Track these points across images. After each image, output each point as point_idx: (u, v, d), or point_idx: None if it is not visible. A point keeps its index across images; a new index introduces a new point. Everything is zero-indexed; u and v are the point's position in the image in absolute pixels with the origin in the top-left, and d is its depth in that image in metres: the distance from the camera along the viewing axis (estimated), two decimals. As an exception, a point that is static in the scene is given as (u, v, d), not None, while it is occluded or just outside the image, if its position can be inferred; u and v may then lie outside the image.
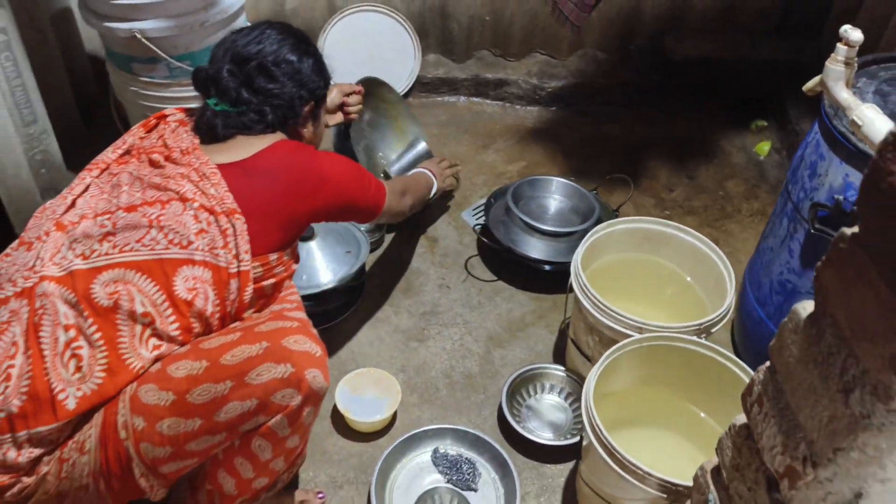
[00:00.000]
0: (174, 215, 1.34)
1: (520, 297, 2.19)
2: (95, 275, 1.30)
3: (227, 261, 1.36)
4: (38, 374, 1.25)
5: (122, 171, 1.43)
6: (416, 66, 2.85)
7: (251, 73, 1.48)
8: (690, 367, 1.62)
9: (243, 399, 1.27)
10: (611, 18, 2.87)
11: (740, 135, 2.85)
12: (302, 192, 1.44)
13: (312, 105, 1.57)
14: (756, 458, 0.94)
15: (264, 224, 1.40)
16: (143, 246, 1.32)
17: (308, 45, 1.57)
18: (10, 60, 1.88)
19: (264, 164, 1.43)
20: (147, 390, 1.27)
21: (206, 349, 1.31)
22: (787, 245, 1.71)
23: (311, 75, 1.54)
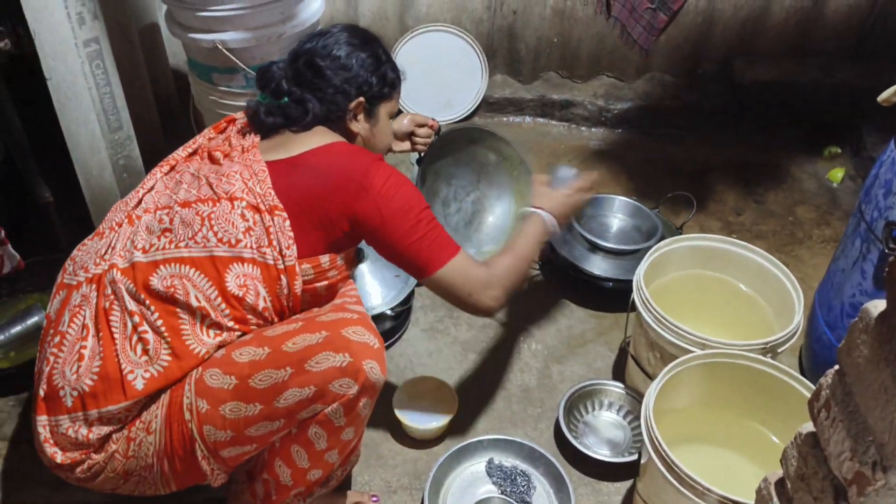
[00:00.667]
0: (224, 213, 1.38)
1: (580, 314, 2.17)
2: (154, 268, 1.36)
3: (273, 258, 1.39)
4: (108, 355, 1.32)
5: (185, 168, 1.49)
6: (483, 86, 2.89)
7: (299, 67, 1.51)
8: (756, 386, 1.58)
9: (302, 386, 1.31)
10: (679, 43, 2.86)
11: (811, 161, 2.79)
12: (338, 194, 1.41)
13: (362, 101, 1.53)
14: (823, 467, 0.91)
15: (301, 221, 1.41)
16: (195, 243, 1.37)
17: (366, 43, 1.55)
18: (100, 69, 1.99)
19: (313, 161, 1.44)
20: (212, 374, 1.33)
21: (269, 336, 1.36)
22: (860, 266, 1.66)
23: (360, 71, 1.51)
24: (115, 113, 2.13)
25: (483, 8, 2.80)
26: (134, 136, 2.25)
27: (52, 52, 1.79)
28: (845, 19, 2.76)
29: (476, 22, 2.84)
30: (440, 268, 1.44)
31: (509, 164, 2.34)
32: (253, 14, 1.92)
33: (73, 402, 1.33)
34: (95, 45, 1.98)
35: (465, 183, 2.37)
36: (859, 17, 2.75)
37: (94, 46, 1.98)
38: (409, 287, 2.05)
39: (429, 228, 1.44)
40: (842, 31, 2.79)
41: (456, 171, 2.37)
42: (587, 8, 2.78)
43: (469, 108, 2.90)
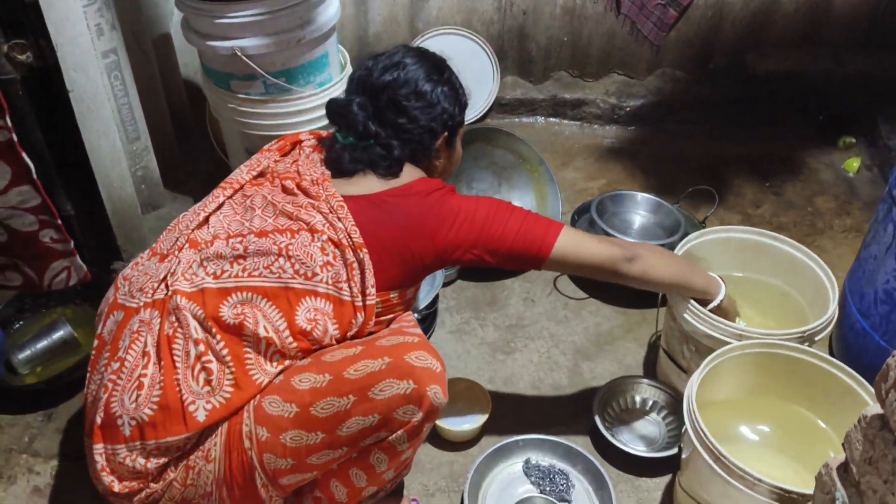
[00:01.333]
0: (302, 246, 1.35)
1: (606, 312, 2.16)
2: (225, 295, 1.33)
3: (350, 295, 1.36)
4: (169, 385, 1.29)
5: (255, 193, 1.44)
6: (495, 88, 2.88)
7: (382, 107, 1.44)
8: (795, 376, 1.57)
9: (366, 414, 1.28)
10: (689, 38, 2.86)
11: (826, 151, 2.79)
12: (424, 229, 1.39)
13: (446, 136, 1.51)
14: (894, 449, 0.90)
15: (383, 259, 1.38)
16: (270, 273, 1.34)
17: (443, 71, 1.51)
18: (118, 80, 1.98)
19: (393, 201, 1.40)
20: (271, 401, 1.30)
21: (328, 362, 1.32)
22: (894, 252, 1.65)
23: (445, 105, 1.47)
24: (133, 124, 2.13)
25: (493, 9, 2.80)
26: (151, 147, 2.24)
27: (74, 63, 1.78)
28: (854, 9, 2.76)
29: (486, 23, 2.84)
30: (553, 245, 1.44)
31: (528, 164, 2.34)
32: (271, 20, 1.91)
33: (131, 431, 1.29)
34: (114, 55, 1.98)
35: (486, 186, 2.37)
36: (869, 7, 2.75)
37: (113, 57, 1.98)
38: (435, 289, 2.04)
39: (525, 216, 1.45)
40: (851, 21, 2.79)
41: (476, 173, 2.37)
42: (597, 6, 2.78)
43: (482, 110, 2.89)
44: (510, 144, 2.34)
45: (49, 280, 1.78)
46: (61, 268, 1.78)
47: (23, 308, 2.06)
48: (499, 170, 2.36)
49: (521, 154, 2.35)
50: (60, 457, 1.79)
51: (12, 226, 1.65)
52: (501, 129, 2.34)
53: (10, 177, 1.56)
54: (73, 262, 1.78)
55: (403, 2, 2.78)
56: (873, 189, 2.60)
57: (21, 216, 1.63)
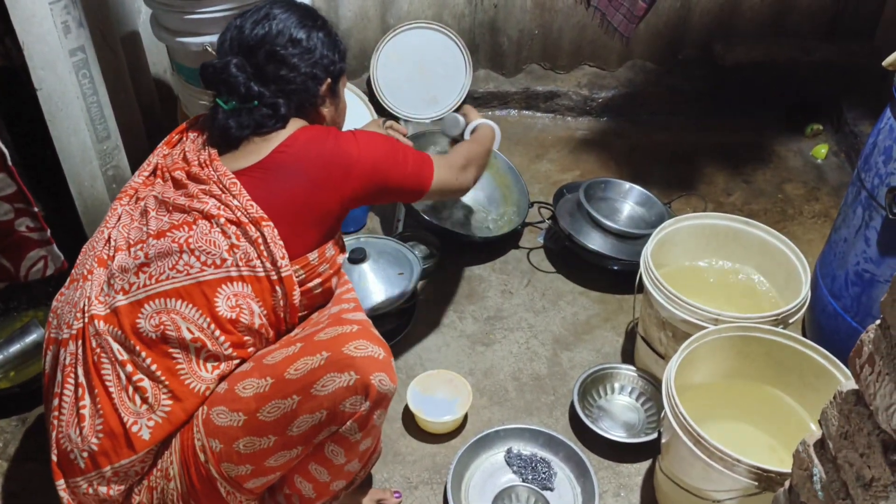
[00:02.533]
0: (202, 235, 1.30)
1: (583, 301, 2.18)
2: (138, 309, 1.29)
3: (265, 270, 1.32)
4: (108, 411, 1.27)
5: (148, 194, 1.39)
6: (468, 82, 2.89)
7: (261, 63, 1.38)
8: (770, 358, 1.59)
9: (313, 411, 1.27)
10: (658, 29, 2.89)
11: (795, 139, 2.83)
12: (329, 183, 1.36)
13: (329, 83, 1.46)
14: (868, 423, 0.92)
15: (295, 225, 1.35)
16: (177, 272, 1.29)
17: (315, 18, 1.46)
18: (87, 78, 1.95)
19: (284, 159, 1.35)
20: (218, 412, 1.28)
21: (269, 364, 1.30)
22: (863, 234, 1.69)
23: (324, 51, 1.43)
24: (103, 122, 2.09)
25: (464, 3, 2.80)
26: (122, 145, 2.21)
27: (42, 62, 1.75)
28: None
29: (457, 17, 2.84)
30: (434, 180, 1.55)
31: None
32: (242, 15, 1.89)
33: (84, 463, 1.28)
34: (81, 53, 1.94)
35: None
36: (832, -4, 2.80)
37: (81, 55, 1.94)
38: (412, 284, 2.04)
39: (406, 154, 1.50)
40: (815, 11, 2.84)
41: None
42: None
43: (455, 104, 2.89)
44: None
45: (25, 270, 1.75)
46: (38, 257, 1.75)
47: (-7, 312, 2.03)
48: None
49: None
50: (35, 461, 1.76)
51: (-13, 215, 1.61)
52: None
53: (-16, 164, 1.53)
54: (49, 251, 1.75)
55: (374, -4, 2.77)
56: (841, 175, 2.65)
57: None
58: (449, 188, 1.62)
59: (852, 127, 2.67)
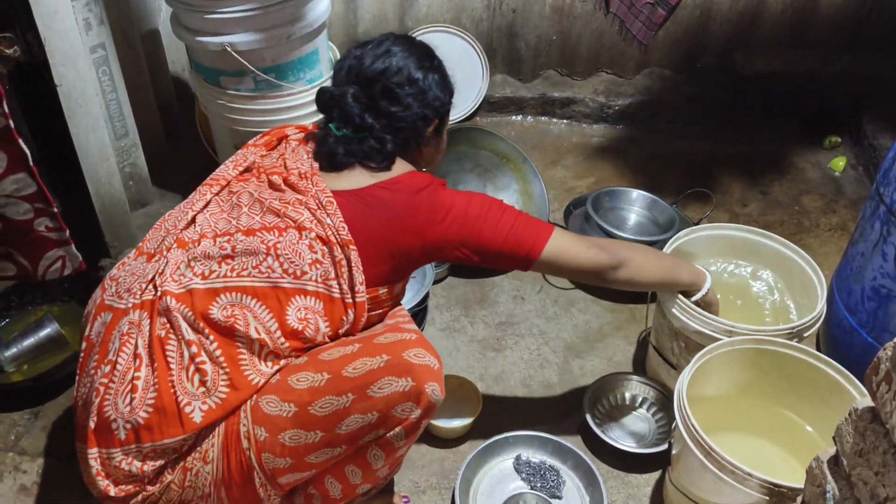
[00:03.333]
0: (290, 244, 1.33)
1: (595, 309, 2.17)
2: (214, 296, 1.31)
3: (341, 292, 1.35)
4: (164, 387, 1.27)
5: (242, 189, 1.42)
6: (485, 86, 2.89)
7: (375, 96, 1.42)
8: (783, 372, 1.58)
9: (365, 412, 1.28)
10: (677, 37, 2.87)
11: (813, 150, 2.81)
12: (416, 225, 1.37)
13: (437, 123, 1.50)
14: (884, 441, 0.91)
15: (371, 255, 1.36)
16: (259, 273, 1.32)
17: (432, 59, 1.50)
18: (106, 75, 1.97)
19: (382, 195, 1.38)
20: (269, 401, 1.29)
21: (326, 360, 1.31)
22: (881, 249, 1.67)
23: (436, 92, 1.46)
24: (122, 119, 2.11)
25: (482, 7, 2.80)
26: (139, 143, 2.23)
27: (63, 58, 1.77)
28: (840, 10, 2.79)
29: (476, 21, 2.84)
30: (542, 247, 1.44)
31: (512, 164, 2.34)
32: (262, 15, 1.90)
33: (126, 434, 1.27)
34: (102, 50, 1.97)
35: (472, 189, 2.36)
36: (854, 8, 2.78)
37: (101, 52, 1.96)
38: (425, 287, 2.04)
39: (516, 217, 1.44)
40: (838, 22, 2.81)
41: (461, 177, 2.36)
42: (586, 4, 2.79)
43: (471, 108, 2.89)
44: (493, 145, 2.34)
45: (43, 270, 1.76)
46: (56, 257, 1.76)
47: (9, 305, 2.04)
48: (483, 172, 2.36)
49: (504, 154, 2.35)
50: (47, 455, 1.77)
51: (7, 214, 1.62)
52: (483, 128, 2.34)
53: (6, 164, 1.54)
54: (67, 251, 1.76)
55: None
56: (859, 188, 2.63)
57: (16, 204, 1.61)
58: (574, 268, 1.50)
59: (871, 140, 2.64)
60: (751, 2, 2.77)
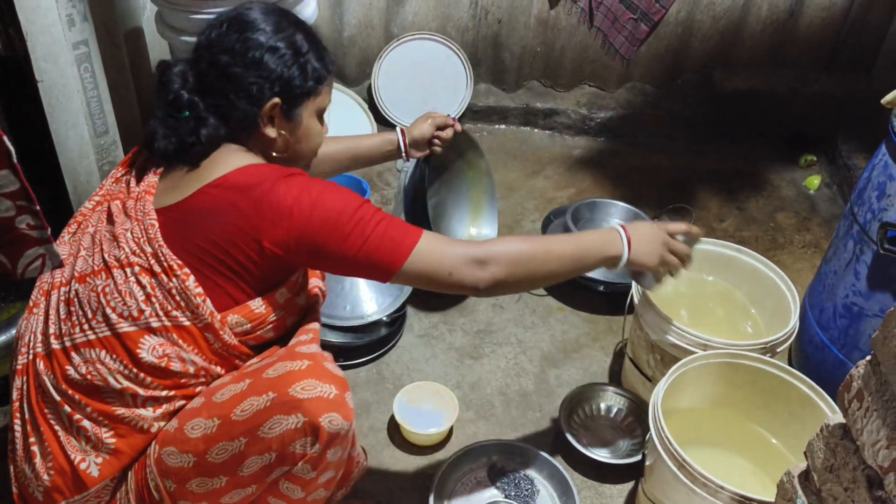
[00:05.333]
0: (119, 285, 1.23)
1: (573, 319, 2.18)
2: (67, 357, 1.25)
3: (188, 318, 1.24)
4: (55, 449, 1.26)
5: (86, 228, 1.33)
6: (468, 95, 2.90)
7: (203, 71, 1.27)
8: (756, 386, 1.60)
9: (261, 453, 1.23)
10: (660, 53, 2.91)
11: (789, 168, 2.86)
12: (248, 229, 1.22)
13: (278, 103, 1.28)
14: (854, 457, 0.93)
15: (215, 275, 1.25)
16: (97, 323, 1.24)
17: (282, 25, 1.29)
18: (88, 72, 1.95)
19: (205, 201, 1.23)
20: (169, 453, 1.26)
21: (217, 403, 1.25)
22: (853, 268, 1.70)
23: (278, 67, 1.27)
24: (102, 117, 2.09)
25: (468, 17, 2.82)
26: (119, 141, 2.20)
27: (44, 53, 1.75)
28: (819, 31, 2.84)
29: (461, 31, 2.85)
30: (405, 260, 1.26)
31: (473, 172, 2.22)
32: (248, 18, 1.90)
33: (43, 497, 1.26)
34: (84, 47, 1.94)
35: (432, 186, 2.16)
36: (833, 29, 2.84)
37: (83, 49, 1.94)
38: (404, 294, 2.05)
39: (374, 225, 1.25)
40: (816, 43, 2.87)
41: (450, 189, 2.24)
42: (570, 18, 2.82)
43: (454, 116, 2.90)
44: (465, 151, 2.18)
45: (23, 268, 1.72)
46: (36, 255, 1.73)
47: (-19, 302, 2.01)
48: (441, 170, 2.19)
49: (469, 161, 2.19)
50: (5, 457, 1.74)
51: (-12, 212, 1.60)
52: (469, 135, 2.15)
53: (-12, 160, 1.52)
54: (48, 249, 1.73)
55: (379, 6, 2.78)
56: (832, 206, 2.67)
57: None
58: (434, 280, 1.30)
59: (846, 160, 2.69)
60: (731, 20, 2.82)
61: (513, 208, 2.59)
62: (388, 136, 1.81)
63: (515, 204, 2.61)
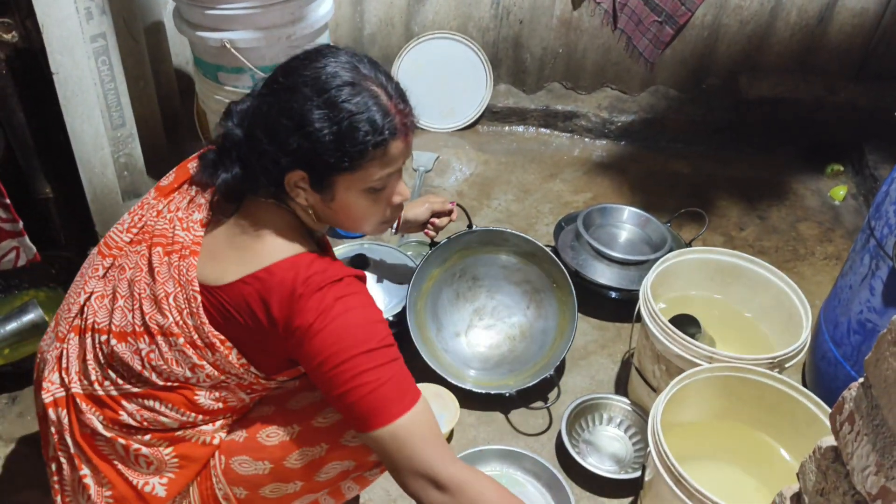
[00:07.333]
0: (164, 353, 1.18)
1: (582, 326, 2.15)
2: (118, 403, 1.20)
3: (235, 380, 1.21)
4: (114, 479, 1.21)
5: (124, 268, 1.23)
6: (488, 95, 2.88)
7: (257, 116, 1.16)
8: (762, 402, 1.56)
9: (342, 459, 1.26)
10: (684, 57, 2.86)
11: (814, 178, 2.79)
12: (272, 337, 1.16)
13: (303, 176, 1.14)
14: (844, 482, 0.90)
15: (248, 349, 1.19)
16: (142, 383, 1.20)
17: (331, 87, 1.11)
18: (106, 65, 1.97)
19: (247, 293, 1.13)
20: (241, 461, 1.25)
21: (294, 410, 1.27)
22: (869, 283, 1.65)
23: (297, 136, 1.11)
24: (119, 110, 2.11)
25: (489, 17, 2.80)
26: (136, 134, 2.23)
27: (60, 46, 1.77)
28: (849, 39, 2.77)
29: (482, 30, 2.83)
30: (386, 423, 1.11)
31: (560, 292, 2.00)
32: (262, 14, 1.91)
33: None
34: (102, 40, 1.97)
35: (511, 302, 2.06)
36: (864, 37, 2.76)
37: (101, 42, 1.96)
38: (411, 294, 2.03)
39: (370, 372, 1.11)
40: (846, 51, 2.80)
41: (503, 286, 2.07)
42: (593, 19, 2.78)
43: (473, 117, 2.89)
44: (547, 265, 2.00)
45: None
46: (9, 248, 1.76)
47: (-6, 289, 2.05)
48: (532, 291, 2.05)
49: (555, 278, 2.00)
50: (21, 440, 1.77)
51: (-40, 206, 1.63)
52: (542, 246, 1.97)
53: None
54: (21, 242, 1.76)
55: (400, 4, 2.77)
56: (857, 218, 2.61)
57: (-30, 196, 1.61)
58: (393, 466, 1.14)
59: (873, 170, 2.62)
60: (759, 25, 2.76)
61: (527, 211, 2.56)
62: None
63: (530, 206, 2.58)
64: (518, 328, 2.04)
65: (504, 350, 2.02)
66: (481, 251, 2.02)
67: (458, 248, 1.99)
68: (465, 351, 2.00)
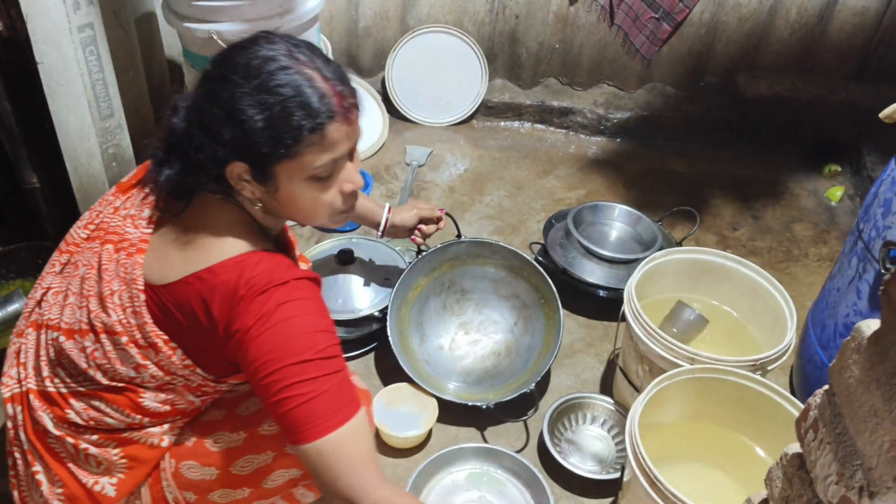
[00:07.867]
0: (108, 352, 1.16)
1: (569, 324, 2.14)
2: (66, 400, 1.20)
3: (181, 382, 1.20)
4: (64, 476, 1.21)
5: (77, 265, 1.22)
6: (483, 90, 2.86)
7: (192, 109, 1.12)
8: (742, 403, 1.55)
9: (289, 467, 1.26)
10: (681, 54, 2.83)
11: (811, 178, 2.77)
12: (213, 336, 1.13)
13: (245, 168, 1.10)
14: (808, 489, 0.88)
15: (194, 351, 1.18)
16: (89, 382, 1.19)
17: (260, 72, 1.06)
18: (93, 55, 1.95)
19: (188, 293, 1.11)
20: (189, 466, 1.25)
21: (242, 416, 1.26)
22: (856, 286, 1.63)
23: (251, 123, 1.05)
24: (107, 100, 2.10)
25: (485, 11, 2.78)
26: (125, 124, 2.21)
27: (45, 36, 1.76)
28: (849, 38, 2.74)
29: (478, 25, 2.81)
30: (320, 436, 1.07)
31: (548, 307, 1.97)
32: (250, 6, 1.89)
33: None
34: (89, 30, 1.95)
35: (499, 318, 2.03)
36: (864, 37, 2.73)
37: (88, 32, 1.95)
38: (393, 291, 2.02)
39: (309, 383, 1.07)
40: (845, 51, 2.77)
41: (492, 300, 2.03)
42: (590, 15, 2.76)
43: (468, 112, 2.87)
44: (535, 280, 1.96)
45: None
46: None
47: (-20, 278, 2.04)
48: (521, 306, 2.01)
49: (542, 294, 1.97)
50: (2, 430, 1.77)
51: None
52: (530, 260, 1.94)
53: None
54: None
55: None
56: (853, 219, 2.58)
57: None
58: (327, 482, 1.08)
59: (870, 171, 2.60)
60: (758, 23, 2.73)
61: (519, 207, 2.55)
62: (377, 208, 1.84)
63: (522, 203, 2.56)
64: (504, 344, 2.00)
65: (488, 365, 1.97)
66: (470, 262, 1.99)
67: (447, 258, 1.96)
68: (447, 364, 1.96)
